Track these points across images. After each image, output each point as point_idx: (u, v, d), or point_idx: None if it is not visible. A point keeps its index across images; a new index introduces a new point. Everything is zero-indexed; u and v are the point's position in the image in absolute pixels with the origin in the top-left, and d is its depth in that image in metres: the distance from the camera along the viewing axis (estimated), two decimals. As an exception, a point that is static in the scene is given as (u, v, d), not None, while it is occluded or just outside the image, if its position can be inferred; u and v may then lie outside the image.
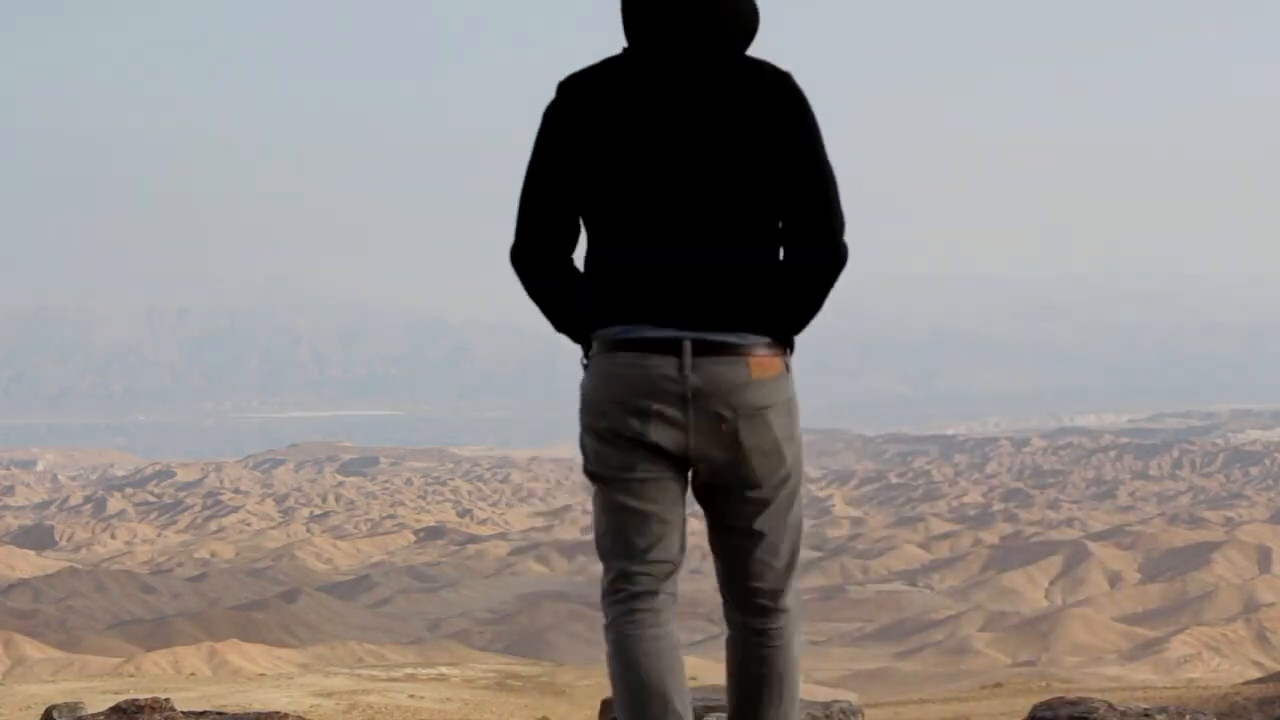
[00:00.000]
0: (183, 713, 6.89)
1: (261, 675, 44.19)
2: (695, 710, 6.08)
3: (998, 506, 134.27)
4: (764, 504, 3.33)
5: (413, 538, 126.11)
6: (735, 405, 3.23)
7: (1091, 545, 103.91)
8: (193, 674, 52.65)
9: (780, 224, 3.28)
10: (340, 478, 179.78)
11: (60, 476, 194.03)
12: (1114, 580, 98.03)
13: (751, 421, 3.25)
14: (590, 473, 3.39)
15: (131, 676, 42.45)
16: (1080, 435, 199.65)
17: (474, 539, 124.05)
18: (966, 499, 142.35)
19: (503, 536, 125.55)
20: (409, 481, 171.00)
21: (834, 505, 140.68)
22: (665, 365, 3.22)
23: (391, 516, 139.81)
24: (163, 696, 6.93)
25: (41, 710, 7.17)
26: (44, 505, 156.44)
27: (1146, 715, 6.01)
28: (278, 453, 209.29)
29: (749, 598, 3.39)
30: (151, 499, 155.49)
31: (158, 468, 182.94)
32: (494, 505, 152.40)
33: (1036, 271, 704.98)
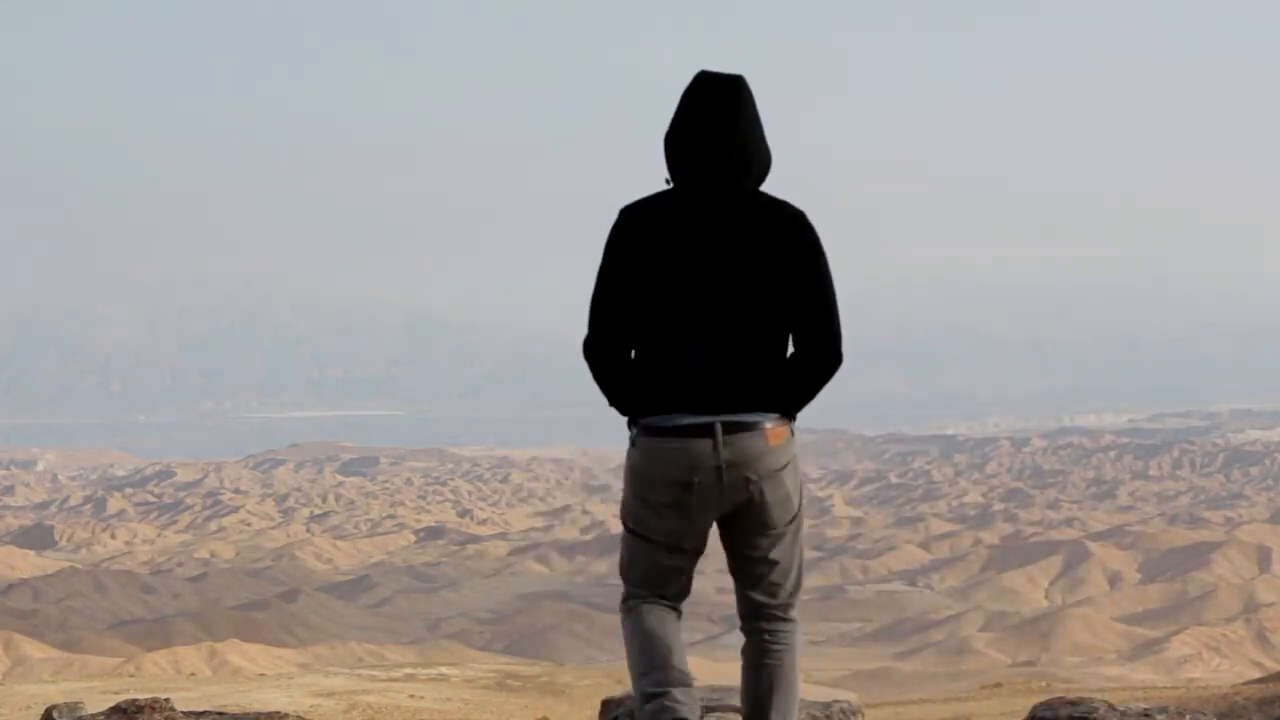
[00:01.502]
0: (183, 713, 6.89)
1: (261, 675, 44.20)
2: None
3: (998, 506, 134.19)
4: (777, 540, 4.42)
5: (413, 538, 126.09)
6: (759, 470, 4.30)
7: (1091, 545, 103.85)
8: (193, 674, 52.65)
9: (791, 331, 4.35)
10: (340, 478, 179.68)
11: (60, 476, 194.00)
12: (1114, 580, 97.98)
13: (771, 481, 4.33)
14: (630, 529, 4.45)
15: (131, 676, 42.44)
16: (1080, 435, 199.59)
17: (474, 539, 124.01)
18: (966, 499, 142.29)
19: (503, 536, 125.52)
20: (409, 481, 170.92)
21: (834, 505, 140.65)
22: (703, 445, 4.25)
23: (391, 516, 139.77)
24: (163, 696, 6.93)
25: (41, 710, 7.17)
26: (44, 505, 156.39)
27: (1146, 715, 6.01)
28: (278, 453, 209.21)
29: (763, 610, 4.46)
30: (151, 499, 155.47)
31: (158, 468, 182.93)
32: (494, 505, 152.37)
33: (1037, 272, 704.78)
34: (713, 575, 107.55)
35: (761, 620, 4.46)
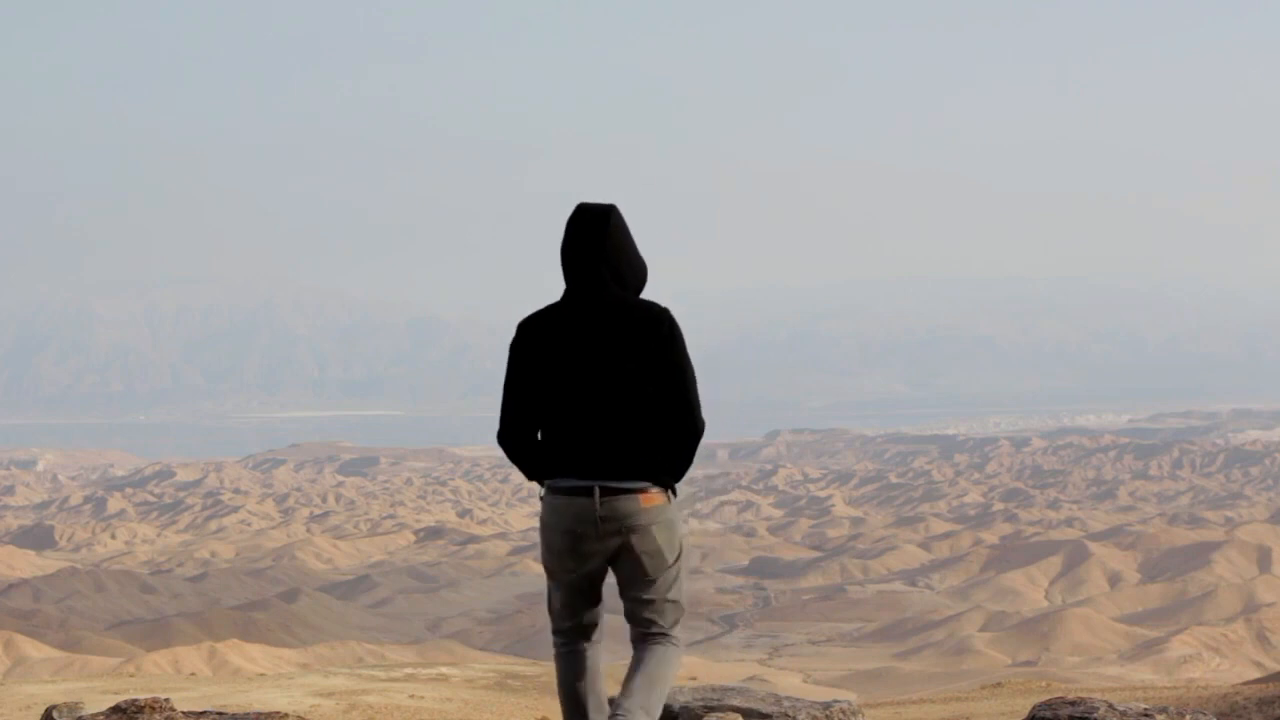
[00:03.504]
0: (183, 713, 6.89)
1: (261, 675, 44.15)
2: (695, 710, 6.24)
3: (998, 506, 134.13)
4: (650, 585, 5.50)
5: (413, 538, 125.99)
6: (629, 525, 5.40)
7: (1091, 545, 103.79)
8: (193, 674, 52.59)
9: (660, 410, 5.39)
10: (340, 478, 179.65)
11: (60, 476, 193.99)
12: (1114, 580, 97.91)
13: (640, 534, 5.41)
14: (544, 566, 5.57)
15: (131, 676, 42.38)
16: (1080, 435, 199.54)
17: (474, 539, 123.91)
18: (966, 499, 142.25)
19: (503, 536, 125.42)
20: (409, 481, 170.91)
21: (834, 505, 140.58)
22: (586, 502, 5.39)
23: (391, 516, 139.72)
24: (163, 696, 6.93)
25: (41, 710, 7.17)
26: (44, 505, 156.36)
27: (1146, 715, 6.01)
28: (278, 453, 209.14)
29: (643, 627, 5.56)
30: (151, 499, 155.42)
31: (158, 468, 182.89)
32: (494, 505, 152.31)
33: (1036, 271, 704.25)
34: (714, 576, 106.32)
35: (641, 636, 5.59)
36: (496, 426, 5.60)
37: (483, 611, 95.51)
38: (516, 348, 5.51)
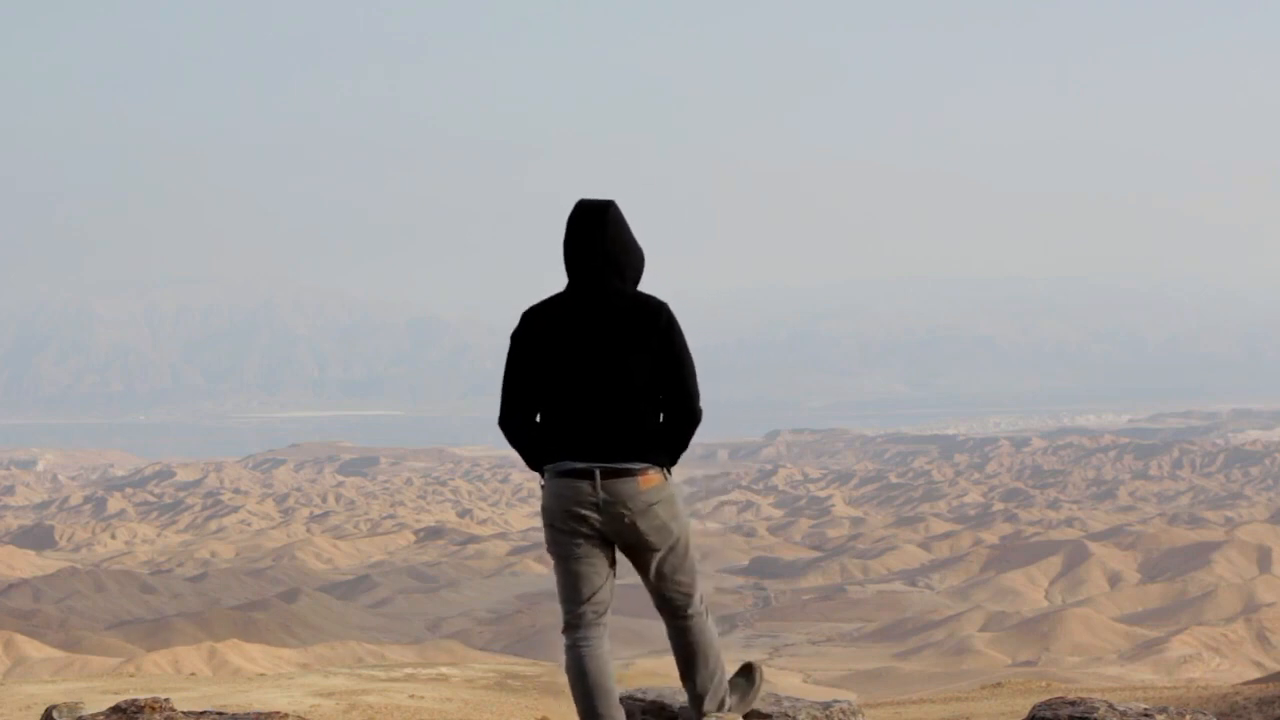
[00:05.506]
0: (183, 713, 6.89)
1: (261, 675, 44.12)
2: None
3: (998, 506, 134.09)
4: (664, 559, 5.73)
5: (413, 538, 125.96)
6: (631, 506, 5.59)
7: (1091, 545, 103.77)
8: (193, 674, 52.54)
9: (659, 398, 5.62)
10: (340, 478, 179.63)
11: (60, 476, 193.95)
12: (1114, 580, 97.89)
13: (643, 514, 5.61)
14: (550, 551, 5.72)
15: (131, 676, 42.35)
16: (1080, 435, 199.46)
17: (474, 539, 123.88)
18: (966, 499, 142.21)
19: (503, 536, 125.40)
20: (409, 481, 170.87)
21: (834, 505, 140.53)
22: (585, 485, 5.58)
23: (391, 516, 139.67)
24: (163, 696, 6.93)
25: (41, 710, 7.17)
26: (44, 505, 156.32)
27: (1146, 715, 6.02)
28: (278, 453, 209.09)
29: (669, 608, 5.84)
30: (151, 499, 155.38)
31: (158, 468, 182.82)
32: (494, 505, 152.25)
33: (1036, 271, 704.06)
34: (715, 576, 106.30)
35: (671, 617, 5.85)
36: (497, 417, 5.76)
37: (483, 611, 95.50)
38: (519, 336, 5.66)
